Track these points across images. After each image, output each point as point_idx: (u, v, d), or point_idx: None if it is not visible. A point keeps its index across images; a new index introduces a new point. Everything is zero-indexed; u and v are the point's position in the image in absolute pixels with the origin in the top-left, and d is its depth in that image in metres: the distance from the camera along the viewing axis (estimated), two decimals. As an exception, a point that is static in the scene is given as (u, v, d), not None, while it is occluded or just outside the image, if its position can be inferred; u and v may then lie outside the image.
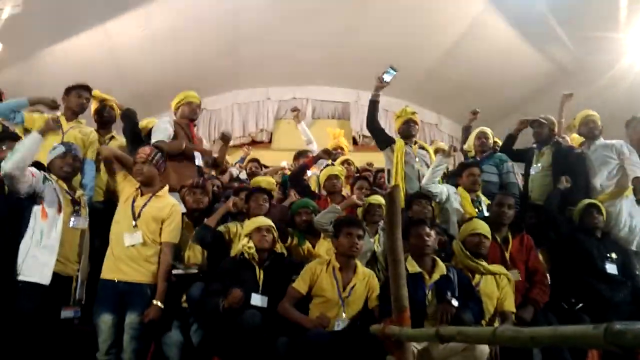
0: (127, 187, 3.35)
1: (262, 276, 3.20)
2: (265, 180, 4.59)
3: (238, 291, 3.00)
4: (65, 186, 3.17)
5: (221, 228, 3.64)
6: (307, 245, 3.84)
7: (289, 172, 5.33)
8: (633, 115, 4.67)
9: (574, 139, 4.97)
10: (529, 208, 4.23)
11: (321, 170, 4.77)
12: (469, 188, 4.28)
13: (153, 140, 3.92)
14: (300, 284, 3.15)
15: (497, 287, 3.29)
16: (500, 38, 6.51)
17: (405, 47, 6.90)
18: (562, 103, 5.21)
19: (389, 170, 4.44)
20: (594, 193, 4.32)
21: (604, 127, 4.62)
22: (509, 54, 6.70)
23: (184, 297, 3.27)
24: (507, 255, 3.58)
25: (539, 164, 4.59)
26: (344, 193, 4.67)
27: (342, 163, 5.11)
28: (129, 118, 4.38)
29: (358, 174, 5.41)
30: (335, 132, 6.32)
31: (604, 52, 6.06)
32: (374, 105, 4.39)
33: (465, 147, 5.26)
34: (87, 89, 4.09)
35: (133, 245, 3.13)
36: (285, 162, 5.92)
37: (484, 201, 4.25)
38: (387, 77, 4.29)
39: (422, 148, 4.63)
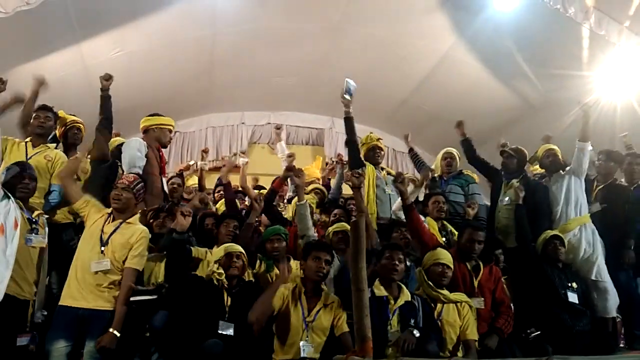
0: (92, 211, 3.24)
1: (229, 303, 3.17)
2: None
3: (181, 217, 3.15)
4: (22, 205, 3.11)
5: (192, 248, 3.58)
6: (276, 272, 3.79)
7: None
8: (603, 149, 4.80)
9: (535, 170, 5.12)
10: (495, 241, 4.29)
11: (292, 198, 4.79)
12: (435, 216, 4.35)
13: (127, 164, 3.86)
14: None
15: (459, 315, 3.33)
16: (469, 72, 6.72)
17: (378, 78, 7.06)
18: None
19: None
20: (555, 223, 4.42)
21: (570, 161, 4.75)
22: (478, 88, 6.90)
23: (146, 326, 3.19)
24: (476, 283, 3.63)
25: (507, 197, 4.56)
26: (314, 219, 4.69)
27: (312, 191, 5.14)
28: (102, 136, 4.15)
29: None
30: (313, 166, 6.35)
31: (569, 89, 6.27)
32: (348, 121, 4.44)
33: (432, 167, 5.31)
34: (45, 108, 3.98)
35: (97, 272, 3.03)
36: (242, 159, 5.89)
37: (452, 230, 4.31)
38: (348, 93, 4.33)
39: (390, 174, 4.70)
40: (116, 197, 3.22)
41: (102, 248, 3.09)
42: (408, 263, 3.83)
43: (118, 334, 2.95)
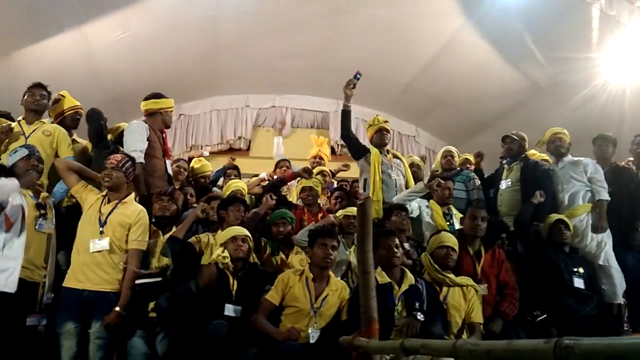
0: (89, 195, 3.29)
1: (235, 286, 3.17)
2: (236, 185, 4.49)
3: (211, 267, 2.97)
4: (29, 190, 3.10)
5: (192, 239, 3.53)
6: (281, 255, 3.81)
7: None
8: (599, 133, 4.79)
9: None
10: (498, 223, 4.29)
11: (298, 181, 4.78)
12: (442, 201, 4.33)
13: (128, 148, 3.85)
14: (273, 295, 3.13)
15: (465, 298, 3.33)
16: (476, 54, 6.62)
17: (384, 61, 6.99)
18: None
19: (365, 180, 4.46)
20: (561, 208, 4.41)
21: (578, 144, 4.71)
22: (485, 70, 6.81)
23: (151, 306, 3.20)
24: (479, 268, 3.62)
25: (508, 180, 4.65)
26: (320, 203, 4.68)
27: (318, 174, 5.11)
28: (94, 119, 4.06)
29: (335, 184, 5.44)
30: (318, 140, 6.31)
31: (577, 71, 6.21)
32: (346, 115, 4.35)
33: (432, 167, 5.34)
34: (40, 86, 3.95)
35: (99, 252, 3.07)
36: (264, 173, 5.89)
37: (456, 214, 4.31)
38: (356, 79, 4.25)
39: (396, 157, 4.67)
40: (107, 176, 3.25)
41: (102, 228, 3.14)
42: (408, 247, 3.83)
43: (124, 313, 3.01)
